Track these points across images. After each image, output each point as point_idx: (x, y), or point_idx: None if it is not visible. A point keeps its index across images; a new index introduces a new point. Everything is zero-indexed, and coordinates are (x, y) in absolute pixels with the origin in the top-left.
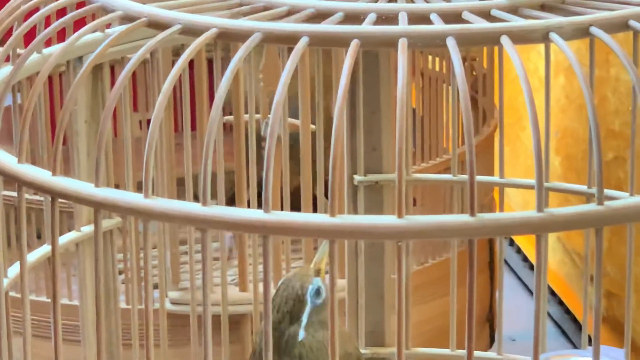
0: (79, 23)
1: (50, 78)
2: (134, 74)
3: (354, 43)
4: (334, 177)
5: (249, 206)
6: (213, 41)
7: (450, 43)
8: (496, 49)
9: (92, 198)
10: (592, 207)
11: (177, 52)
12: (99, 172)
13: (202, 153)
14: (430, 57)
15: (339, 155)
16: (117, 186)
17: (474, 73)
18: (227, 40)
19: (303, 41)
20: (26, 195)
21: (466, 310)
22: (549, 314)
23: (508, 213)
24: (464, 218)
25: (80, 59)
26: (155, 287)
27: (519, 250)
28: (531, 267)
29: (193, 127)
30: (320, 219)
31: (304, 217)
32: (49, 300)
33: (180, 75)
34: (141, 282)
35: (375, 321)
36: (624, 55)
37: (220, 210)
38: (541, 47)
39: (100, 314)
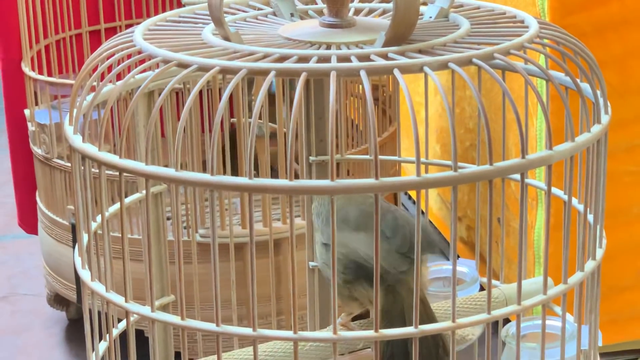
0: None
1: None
2: (177, 95)
3: (303, 75)
4: (291, 159)
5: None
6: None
7: (362, 74)
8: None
9: (142, 172)
10: (450, 173)
11: None
12: (148, 156)
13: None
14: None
15: (292, 145)
16: (166, 166)
17: (384, 94)
18: (225, 74)
19: (272, 74)
20: (109, 172)
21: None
22: None
23: (398, 177)
24: (371, 181)
25: (138, 88)
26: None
27: (415, 202)
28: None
29: (210, 129)
30: (282, 182)
31: (273, 182)
32: (128, 235)
33: (202, 96)
34: (182, 223)
35: None
36: (468, 79)
37: (222, 178)
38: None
39: (150, 245)
